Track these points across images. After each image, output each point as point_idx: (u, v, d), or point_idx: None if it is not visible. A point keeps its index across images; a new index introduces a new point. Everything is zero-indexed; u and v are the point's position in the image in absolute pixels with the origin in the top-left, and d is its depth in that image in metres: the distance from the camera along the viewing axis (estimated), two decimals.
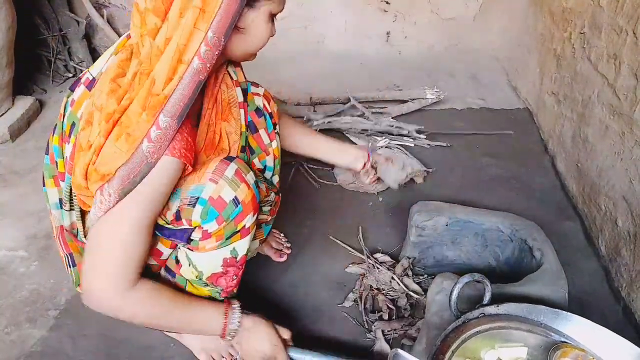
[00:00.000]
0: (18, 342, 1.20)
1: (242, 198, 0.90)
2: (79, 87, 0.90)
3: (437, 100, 2.01)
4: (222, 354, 1.15)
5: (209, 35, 0.76)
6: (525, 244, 1.20)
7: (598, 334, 0.90)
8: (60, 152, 0.91)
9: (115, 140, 0.77)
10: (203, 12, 0.75)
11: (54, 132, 0.93)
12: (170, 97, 0.77)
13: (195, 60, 0.77)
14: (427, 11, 2.37)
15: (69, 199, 0.91)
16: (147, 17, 0.78)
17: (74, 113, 0.88)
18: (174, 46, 0.76)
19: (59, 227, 0.96)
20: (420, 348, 1.01)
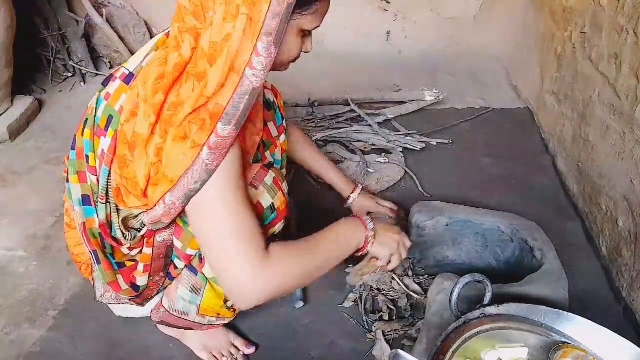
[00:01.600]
0: (18, 342, 1.20)
1: (278, 205, 0.94)
2: (113, 81, 0.90)
3: (436, 101, 2.01)
4: (223, 352, 1.16)
5: (259, 45, 0.75)
6: (525, 244, 1.19)
7: (599, 335, 0.90)
8: (91, 146, 0.91)
9: (173, 140, 0.78)
10: (250, 19, 0.74)
11: (84, 126, 0.93)
12: (227, 106, 0.77)
13: (247, 70, 0.76)
14: (427, 11, 2.36)
15: (105, 191, 0.90)
16: (187, 18, 0.78)
17: (110, 106, 0.88)
18: (225, 52, 0.75)
19: (82, 224, 0.94)
20: (420, 348, 1.00)
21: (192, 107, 0.77)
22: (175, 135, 0.78)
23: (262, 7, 0.74)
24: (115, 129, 0.86)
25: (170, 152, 0.78)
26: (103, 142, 0.88)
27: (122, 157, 0.85)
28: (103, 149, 0.88)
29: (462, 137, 1.88)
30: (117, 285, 1.00)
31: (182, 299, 1.02)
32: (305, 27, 0.85)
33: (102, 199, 0.91)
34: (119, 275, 1.00)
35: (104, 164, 0.88)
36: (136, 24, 2.36)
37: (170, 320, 1.05)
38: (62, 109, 2.13)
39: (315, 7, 0.83)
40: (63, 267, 1.38)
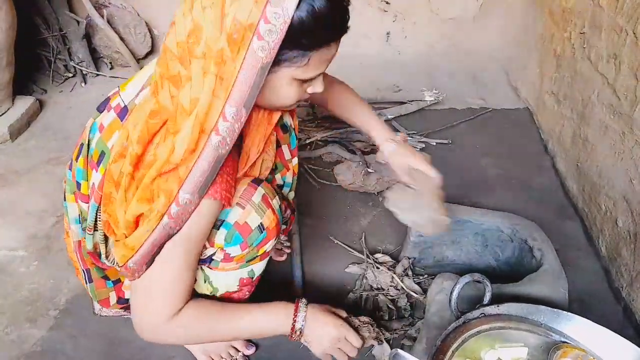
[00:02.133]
0: (18, 342, 1.20)
1: (267, 224, 0.90)
2: (108, 112, 0.87)
3: (436, 101, 2.01)
4: (222, 354, 1.15)
5: (226, 110, 0.71)
6: (525, 244, 1.20)
7: (598, 334, 0.90)
8: (84, 175, 0.90)
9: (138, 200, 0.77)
10: (220, 79, 0.70)
11: (79, 152, 0.91)
12: (189, 174, 0.74)
13: (212, 135, 0.72)
14: (427, 11, 2.36)
15: (94, 223, 0.90)
16: (171, 63, 0.73)
17: (103, 141, 0.85)
18: (195, 114, 0.71)
19: (77, 242, 0.95)
20: (420, 348, 1.01)
21: (158, 172, 0.75)
22: (141, 196, 0.77)
23: (234, 67, 0.69)
24: (105, 167, 0.85)
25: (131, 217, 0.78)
26: (95, 176, 0.88)
27: (108, 194, 0.84)
28: (94, 183, 0.88)
29: (462, 137, 1.88)
30: (107, 302, 1.02)
31: None
32: (299, 77, 0.77)
33: (89, 231, 0.91)
34: (112, 292, 1.01)
35: (93, 199, 0.88)
36: (137, 24, 2.36)
37: None
38: (63, 109, 2.13)
39: (307, 58, 0.74)
40: (64, 267, 1.39)
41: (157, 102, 0.76)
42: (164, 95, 0.75)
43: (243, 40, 0.67)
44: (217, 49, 0.69)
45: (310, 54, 0.74)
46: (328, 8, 0.70)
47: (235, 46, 0.68)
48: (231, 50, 0.68)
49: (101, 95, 2.22)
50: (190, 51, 0.71)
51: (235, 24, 0.67)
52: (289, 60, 0.73)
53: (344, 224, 1.52)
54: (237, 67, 0.69)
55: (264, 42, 0.67)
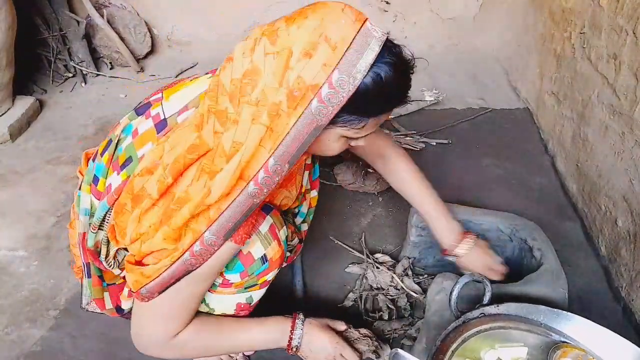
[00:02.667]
0: (18, 342, 1.20)
1: (271, 256, 0.89)
2: (147, 120, 0.86)
3: (436, 101, 2.01)
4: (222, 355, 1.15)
5: (270, 162, 0.69)
6: (525, 244, 1.20)
7: (598, 334, 0.90)
8: (104, 172, 0.89)
9: (164, 239, 0.77)
10: (271, 130, 0.68)
11: (106, 148, 0.90)
12: (219, 217, 0.73)
13: (251, 184, 0.71)
14: (427, 11, 2.37)
15: (100, 222, 0.90)
16: (221, 98, 0.72)
17: (134, 147, 0.84)
18: (237, 159, 0.70)
19: (82, 234, 0.95)
20: (420, 348, 1.01)
21: (191, 214, 0.74)
22: (169, 236, 0.77)
23: (287, 122, 0.67)
24: (129, 174, 0.84)
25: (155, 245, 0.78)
26: (114, 178, 0.87)
27: (122, 204, 0.84)
28: (111, 184, 0.87)
29: (462, 137, 1.88)
30: (102, 303, 1.01)
31: None
32: (350, 136, 0.76)
33: (93, 229, 0.91)
34: (106, 293, 1.01)
35: (106, 199, 0.87)
36: (137, 24, 2.36)
37: None
38: (63, 109, 2.13)
39: (363, 123, 0.73)
40: (64, 267, 1.39)
41: (200, 136, 0.75)
42: (207, 130, 0.74)
43: (303, 99, 0.66)
44: (273, 100, 0.67)
45: (368, 120, 0.73)
46: (393, 78, 0.69)
47: (294, 103, 0.66)
48: (288, 105, 0.67)
49: (101, 95, 2.23)
50: (242, 91, 0.69)
51: (299, 81, 0.65)
52: (344, 122, 0.72)
53: (344, 224, 1.52)
54: (290, 124, 0.67)
55: (323, 106, 0.66)
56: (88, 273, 0.98)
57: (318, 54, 0.64)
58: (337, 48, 0.64)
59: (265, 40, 0.68)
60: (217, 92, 0.73)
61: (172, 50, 2.51)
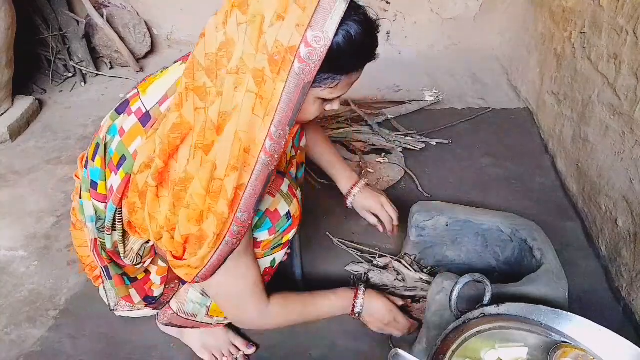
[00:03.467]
0: (18, 342, 1.20)
1: (293, 212, 0.95)
2: (129, 117, 0.86)
3: (436, 101, 2.01)
4: (223, 351, 1.16)
5: (272, 130, 0.71)
6: (525, 244, 1.20)
7: (598, 334, 0.90)
8: (101, 175, 0.90)
9: (188, 221, 0.78)
10: (261, 98, 0.70)
11: (96, 152, 0.90)
12: (243, 195, 0.75)
13: (261, 155, 0.73)
14: (427, 11, 2.37)
15: (112, 224, 0.91)
16: (197, 74, 0.74)
17: (124, 145, 0.85)
18: (233, 130, 0.71)
19: (93, 240, 0.95)
20: (420, 348, 1.01)
21: (206, 190, 0.75)
22: (190, 217, 0.77)
23: (276, 87, 0.69)
24: (126, 172, 0.85)
25: (186, 229, 0.79)
26: (113, 179, 0.88)
27: (132, 204, 0.86)
28: (112, 185, 0.88)
29: (462, 137, 1.88)
30: (130, 299, 1.02)
31: (192, 302, 1.03)
32: (324, 97, 0.80)
33: (107, 231, 0.92)
34: (131, 290, 1.02)
35: (111, 201, 0.88)
36: (136, 24, 2.36)
37: (179, 322, 1.07)
38: (63, 109, 2.13)
39: (337, 82, 0.77)
40: (63, 267, 1.39)
41: (180, 115, 0.76)
42: (187, 108, 0.75)
43: (284, 63, 0.68)
44: (254, 66, 0.69)
45: (340, 77, 0.77)
46: (363, 35, 0.73)
47: (276, 67, 0.68)
48: (272, 70, 0.69)
49: (101, 95, 2.23)
50: (218, 64, 0.71)
51: (276, 45, 0.68)
52: (319, 82, 0.75)
53: (344, 224, 1.52)
54: (279, 88, 0.69)
55: (305, 65, 0.69)
56: (108, 275, 0.98)
57: (289, 16, 0.67)
58: (307, 8, 0.67)
59: (237, 11, 0.70)
60: (192, 69, 0.75)
61: (172, 50, 2.51)
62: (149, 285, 1.03)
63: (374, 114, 1.95)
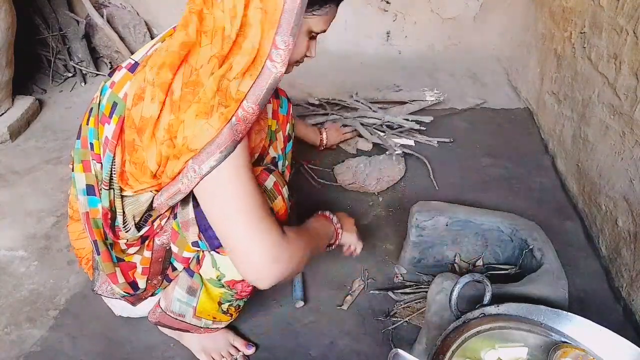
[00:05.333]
0: (18, 342, 1.20)
1: (277, 209, 0.94)
2: (119, 71, 0.91)
3: (437, 101, 2.01)
4: (222, 353, 1.16)
5: (277, 39, 0.79)
6: (525, 244, 1.20)
7: (598, 334, 0.90)
8: (95, 134, 0.91)
9: (196, 116, 0.78)
10: (265, 12, 0.78)
11: (90, 115, 0.93)
12: (251, 88, 0.81)
13: (267, 62, 0.80)
14: (427, 11, 2.36)
15: (109, 178, 0.90)
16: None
17: (114, 93, 0.89)
18: (250, 45, 0.79)
19: (85, 214, 0.94)
20: (420, 348, 1.01)
21: (217, 86, 0.79)
22: (199, 110, 0.79)
23: (277, 1, 0.77)
24: (119, 115, 0.87)
25: (191, 126, 0.79)
26: (107, 129, 0.89)
27: (130, 142, 0.85)
28: (107, 136, 0.89)
29: (462, 137, 1.88)
30: (115, 278, 0.99)
31: (178, 300, 1.02)
32: (313, 28, 0.88)
33: (105, 185, 0.91)
34: (117, 268, 1.00)
35: (107, 150, 0.88)
36: (136, 24, 2.36)
37: (167, 321, 1.06)
38: (63, 109, 2.13)
39: (327, 8, 0.86)
40: (63, 267, 1.39)
41: (187, 34, 0.81)
42: (192, 29, 0.81)
43: None
44: None
45: (327, 7, 0.86)
46: None
47: None
48: None
49: None
50: None
51: None
52: (311, 6, 0.83)
53: None
54: (279, 2, 0.77)
55: None
56: (97, 250, 0.97)
57: None
58: None
59: None
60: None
61: None
62: (132, 272, 1.01)
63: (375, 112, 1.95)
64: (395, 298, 1.27)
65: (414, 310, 1.23)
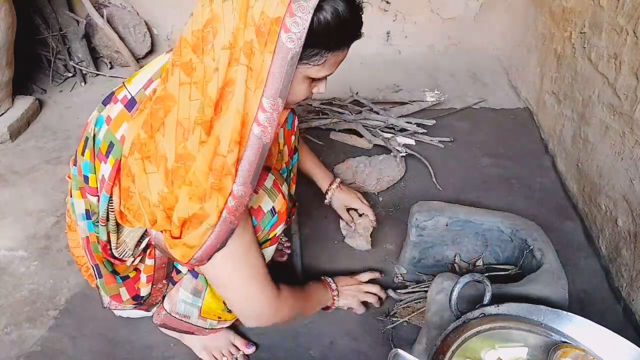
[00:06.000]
0: (18, 342, 1.20)
1: (278, 208, 0.94)
2: (115, 105, 0.87)
3: (437, 102, 2.01)
4: (223, 351, 1.16)
5: (264, 102, 0.73)
6: (525, 244, 1.20)
7: (598, 334, 0.90)
8: (91, 168, 0.89)
9: (190, 199, 0.77)
10: (250, 70, 0.72)
11: (85, 146, 0.90)
12: (239, 167, 0.76)
13: (254, 126, 0.74)
14: (427, 11, 2.36)
15: (106, 215, 0.90)
16: (184, 51, 0.75)
17: (111, 132, 0.85)
18: (234, 105, 0.73)
19: (85, 239, 0.95)
20: (420, 348, 1.01)
21: (209, 167, 0.75)
22: (192, 194, 0.77)
23: (264, 59, 0.71)
24: (115, 158, 0.85)
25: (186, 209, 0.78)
26: (104, 168, 0.87)
27: (125, 189, 0.84)
28: (103, 175, 0.87)
29: (462, 137, 1.88)
30: (119, 298, 1.01)
31: (184, 302, 1.02)
32: (312, 76, 0.82)
33: (102, 222, 0.91)
34: (122, 288, 1.01)
35: (104, 190, 0.87)
36: (136, 24, 2.36)
37: (172, 323, 1.06)
38: (63, 109, 2.13)
39: (324, 58, 0.79)
40: (63, 267, 1.39)
41: (165, 88, 0.78)
42: (172, 82, 0.77)
43: (270, 34, 0.70)
44: (245, 39, 0.71)
45: (327, 54, 0.79)
46: (349, 12, 0.76)
47: (263, 39, 0.71)
48: (259, 42, 0.71)
49: (101, 95, 2.22)
50: (204, 40, 0.73)
51: (262, 17, 0.70)
52: (307, 58, 0.77)
53: None
54: (267, 60, 0.72)
55: (292, 34, 0.71)
56: (99, 274, 0.98)
57: None
58: None
59: None
60: (180, 47, 0.76)
61: None
62: (138, 284, 1.02)
63: (376, 111, 1.95)
64: (396, 298, 1.27)
65: (414, 310, 1.23)
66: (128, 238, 0.93)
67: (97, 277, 0.99)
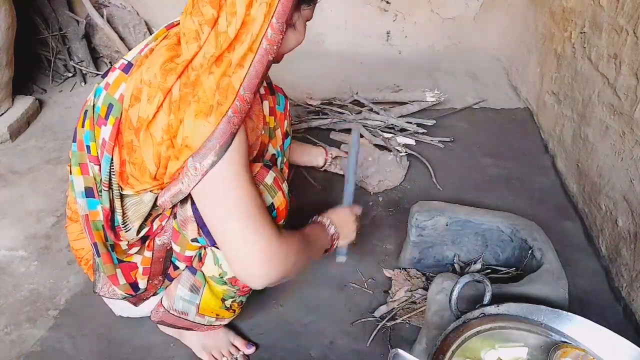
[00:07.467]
0: (18, 342, 1.20)
1: (278, 205, 0.94)
2: (113, 72, 0.92)
3: (437, 102, 2.01)
4: (223, 351, 1.16)
5: (273, 21, 0.81)
6: (525, 244, 1.20)
7: (598, 334, 0.90)
8: (92, 136, 0.91)
9: (196, 116, 0.79)
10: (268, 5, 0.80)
11: (84, 118, 0.93)
12: (246, 75, 0.81)
13: (263, 41, 0.81)
14: (427, 11, 2.37)
15: (108, 179, 0.90)
16: (204, 9, 0.81)
17: (110, 95, 0.89)
18: (250, 35, 0.81)
19: (85, 216, 0.95)
20: (420, 348, 1.01)
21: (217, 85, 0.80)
22: (199, 111, 0.79)
23: None
24: (115, 117, 0.87)
25: (191, 126, 0.80)
26: (104, 131, 0.89)
27: (128, 142, 0.86)
28: (104, 137, 0.89)
29: (462, 137, 1.88)
30: (116, 279, 1.00)
31: (181, 299, 1.02)
32: (309, 17, 0.94)
33: (105, 186, 0.91)
34: (118, 269, 1.00)
35: (105, 152, 0.89)
36: (136, 24, 2.36)
37: (170, 320, 1.06)
38: (63, 109, 2.13)
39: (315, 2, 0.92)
40: (63, 267, 1.39)
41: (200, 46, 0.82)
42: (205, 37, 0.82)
43: None
44: None
45: None
46: None
47: None
48: None
49: None
50: None
51: None
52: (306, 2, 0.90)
53: None
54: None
55: None
56: (98, 252, 0.97)
57: None
58: None
59: None
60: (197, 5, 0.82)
61: None
62: (134, 273, 1.01)
63: (376, 111, 1.95)
64: (396, 298, 1.27)
65: (414, 310, 1.23)
66: (130, 211, 0.93)
67: (96, 255, 0.98)
